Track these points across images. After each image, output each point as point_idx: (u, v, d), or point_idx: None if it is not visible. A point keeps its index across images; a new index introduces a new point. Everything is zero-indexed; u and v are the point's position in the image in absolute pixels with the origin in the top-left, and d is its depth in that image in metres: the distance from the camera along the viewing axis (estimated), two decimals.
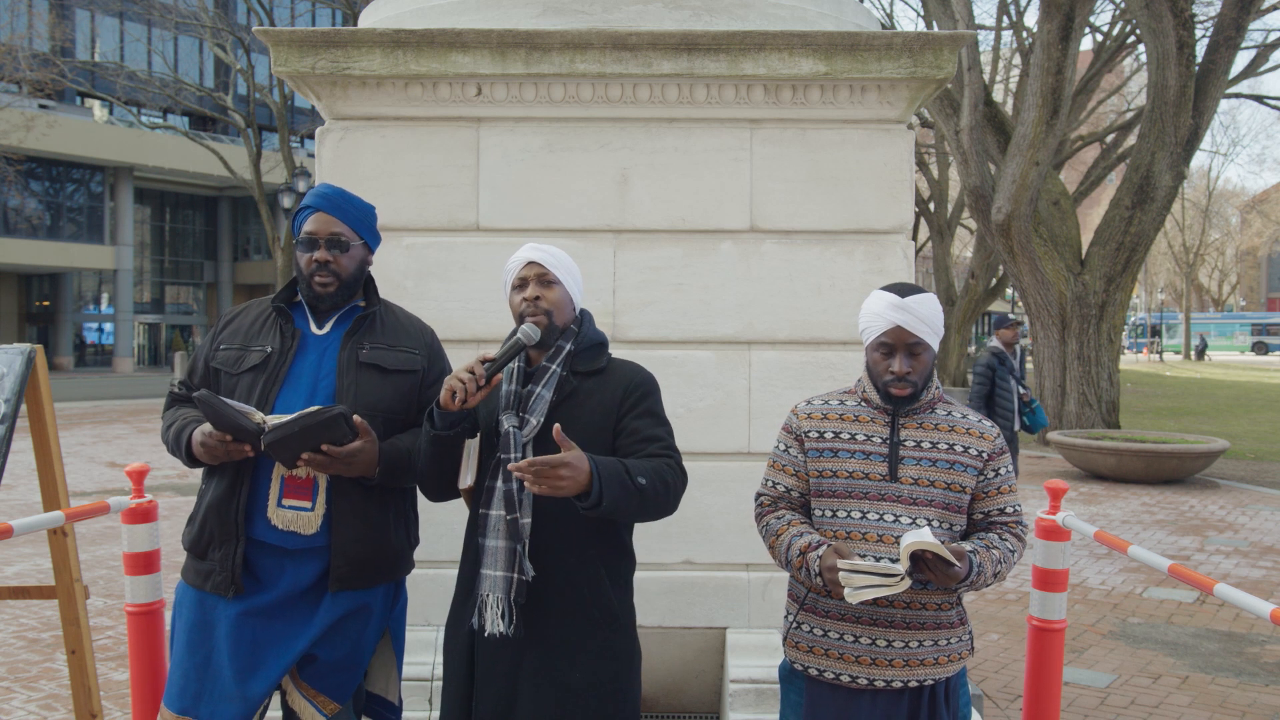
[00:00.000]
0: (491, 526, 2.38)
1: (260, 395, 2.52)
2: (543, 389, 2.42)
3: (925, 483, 2.35)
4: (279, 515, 2.48)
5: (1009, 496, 2.43)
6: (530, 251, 2.52)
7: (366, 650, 2.61)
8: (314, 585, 2.52)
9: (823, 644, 2.38)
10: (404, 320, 2.75)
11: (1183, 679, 4.96)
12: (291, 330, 2.60)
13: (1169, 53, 13.00)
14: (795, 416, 2.50)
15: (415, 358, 2.66)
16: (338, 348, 2.60)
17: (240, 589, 2.49)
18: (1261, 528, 8.82)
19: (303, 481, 2.49)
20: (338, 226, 2.60)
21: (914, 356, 2.37)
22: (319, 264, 2.57)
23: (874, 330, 2.39)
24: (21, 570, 6.84)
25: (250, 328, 2.64)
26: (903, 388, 2.37)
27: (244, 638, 2.49)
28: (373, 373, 2.58)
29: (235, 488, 2.51)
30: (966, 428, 2.42)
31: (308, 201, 2.63)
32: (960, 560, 2.22)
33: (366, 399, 2.54)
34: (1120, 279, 14.06)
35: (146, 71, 31.72)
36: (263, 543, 2.50)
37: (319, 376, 2.56)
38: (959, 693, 2.48)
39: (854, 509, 2.37)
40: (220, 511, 2.51)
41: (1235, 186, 60.18)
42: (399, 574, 2.67)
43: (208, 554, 2.53)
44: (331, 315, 2.65)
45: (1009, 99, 27.71)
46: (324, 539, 2.50)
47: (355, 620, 2.56)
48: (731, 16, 3.71)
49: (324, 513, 2.49)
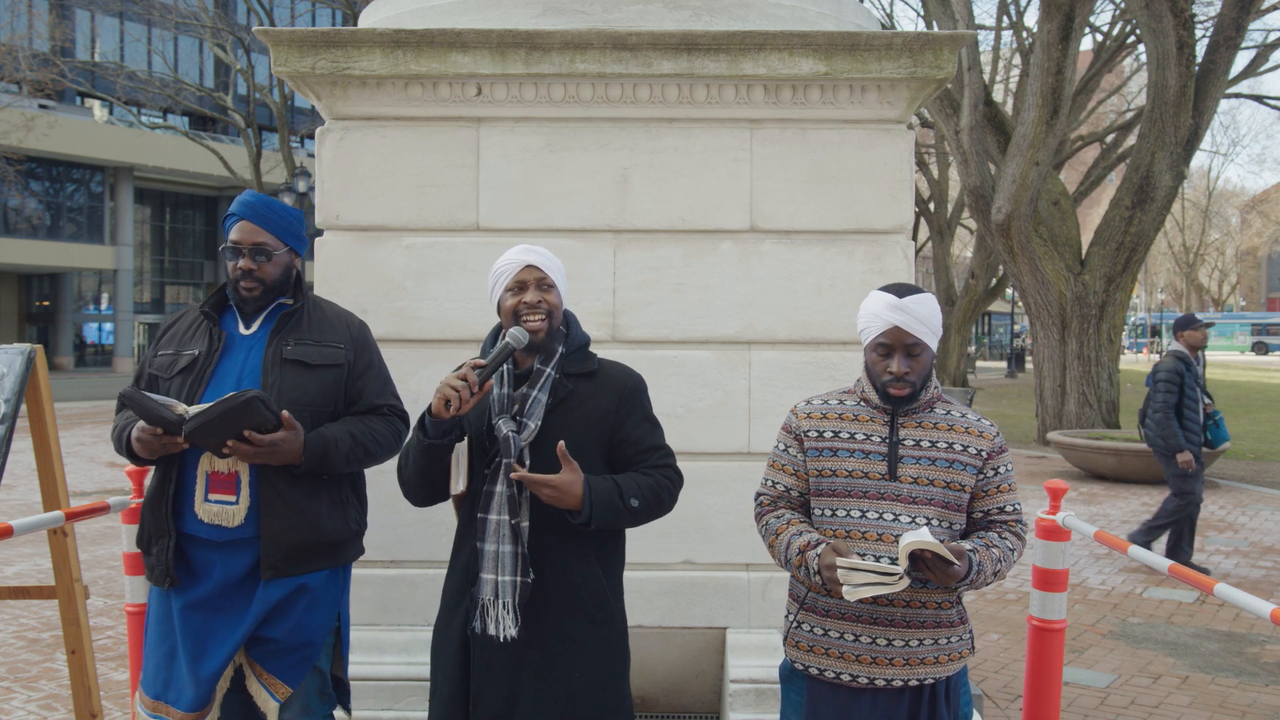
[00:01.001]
0: (491, 531, 2.40)
1: (187, 395, 2.62)
2: (538, 392, 2.44)
3: (925, 481, 2.35)
4: (204, 509, 2.59)
5: (1008, 495, 2.43)
6: (526, 254, 2.52)
7: (314, 633, 2.68)
8: (248, 574, 2.61)
9: (823, 643, 2.38)
10: (330, 315, 2.84)
11: (1183, 679, 4.96)
12: (218, 333, 2.72)
13: (1169, 53, 12.99)
14: (795, 416, 2.50)
15: (339, 351, 2.75)
16: (263, 346, 2.71)
17: (175, 581, 2.61)
18: (1261, 528, 8.82)
19: (226, 476, 2.59)
20: (261, 236, 2.70)
21: (912, 357, 2.37)
22: (243, 272, 2.69)
23: (872, 331, 2.39)
24: (21, 570, 6.84)
25: (185, 333, 2.76)
26: (901, 388, 2.37)
27: (192, 628, 2.61)
28: (296, 368, 2.67)
29: (165, 484, 2.63)
30: (966, 426, 2.42)
31: (233, 210, 2.74)
32: (960, 559, 2.22)
33: (291, 394, 2.63)
34: (1120, 279, 14.06)
35: (146, 71, 31.73)
36: (194, 536, 2.61)
37: (244, 375, 2.67)
38: (959, 691, 2.48)
39: (853, 508, 2.37)
40: (153, 507, 2.65)
41: (1235, 186, 60.22)
42: (341, 559, 2.75)
43: (150, 548, 2.66)
44: (258, 315, 2.76)
45: (1009, 99, 27.71)
46: (252, 530, 2.59)
47: (294, 602, 2.63)
48: (731, 16, 3.71)
49: (249, 505, 2.58)
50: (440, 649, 2.52)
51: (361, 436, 2.71)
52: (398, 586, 3.67)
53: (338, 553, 2.72)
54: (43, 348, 3.54)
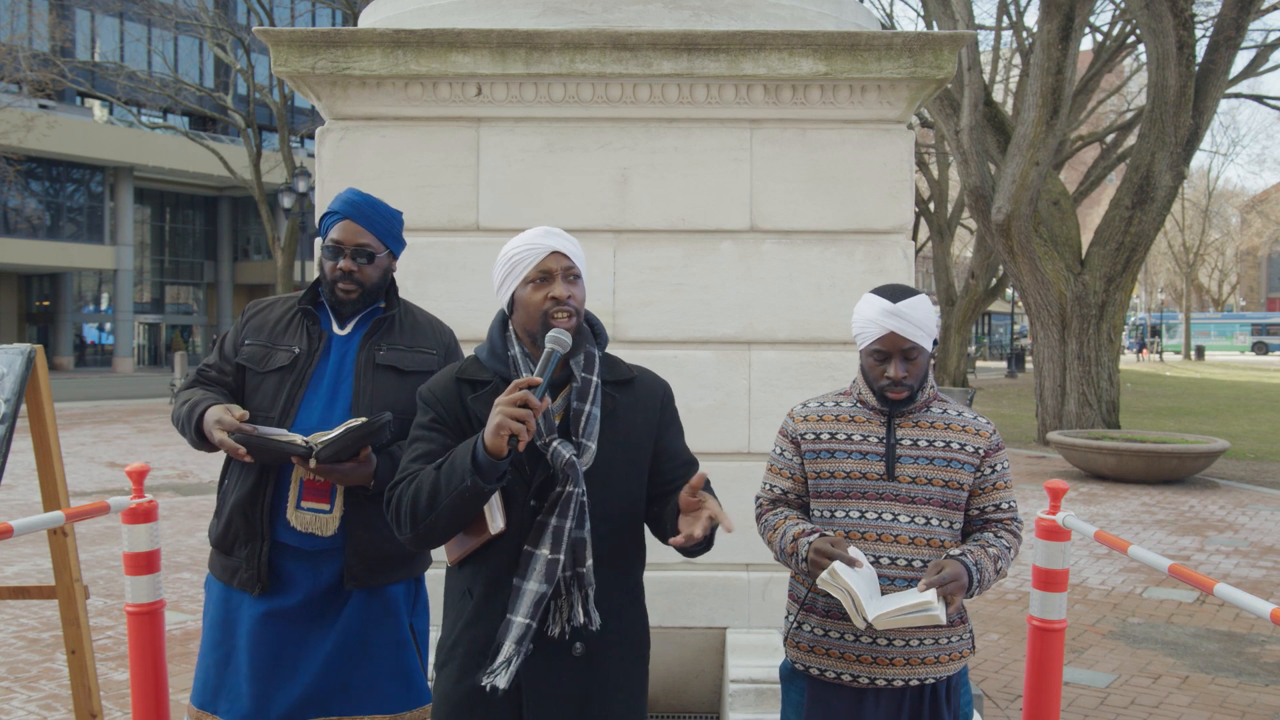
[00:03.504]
0: (540, 569, 2.06)
1: (288, 397, 2.54)
2: (591, 406, 2.13)
3: (923, 481, 2.36)
4: (298, 517, 2.50)
5: (1005, 492, 2.44)
6: (552, 238, 2.16)
7: (388, 651, 2.58)
8: (332, 585, 2.53)
9: (824, 643, 2.38)
10: (423, 321, 2.75)
11: (1183, 679, 4.96)
12: (318, 331, 2.62)
13: (1169, 53, 13.00)
14: (791, 420, 2.51)
15: (432, 358, 2.66)
16: (356, 349, 2.62)
17: (266, 586, 2.51)
18: (1261, 528, 8.82)
19: (321, 485, 2.50)
20: (365, 237, 2.60)
21: (909, 361, 2.36)
22: (344, 273, 2.58)
23: (868, 336, 2.38)
24: (21, 570, 6.84)
25: (276, 325, 2.65)
26: (898, 392, 2.37)
27: (265, 642, 2.50)
28: (389, 374, 2.59)
29: (260, 487, 2.53)
30: (963, 425, 2.42)
31: (336, 208, 2.63)
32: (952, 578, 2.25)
33: (383, 400, 2.54)
34: (1120, 279, 14.07)
35: (146, 71, 31.75)
36: (282, 544, 2.53)
37: (339, 379, 2.58)
38: (960, 691, 2.48)
39: (852, 509, 2.37)
40: (246, 510, 2.54)
41: (1235, 186, 60.22)
42: (416, 570, 2.68)
43: (234, 550, 2.56)
44: (354, 317, 2.66)
45: (1009, 99, 27.72)
46: (341, 540, 2.52)
47: (379, 624, 2.55)
48: (731, 16, 3.71)
49: (341, 515, 2.50)
50: (459, 707, 2.12)
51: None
52: None
53: (413, 564, 2.66)
54: (43, 348, 3.54)
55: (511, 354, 2.15)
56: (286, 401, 2.53)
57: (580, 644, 2.10)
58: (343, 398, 2.56)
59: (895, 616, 2.19)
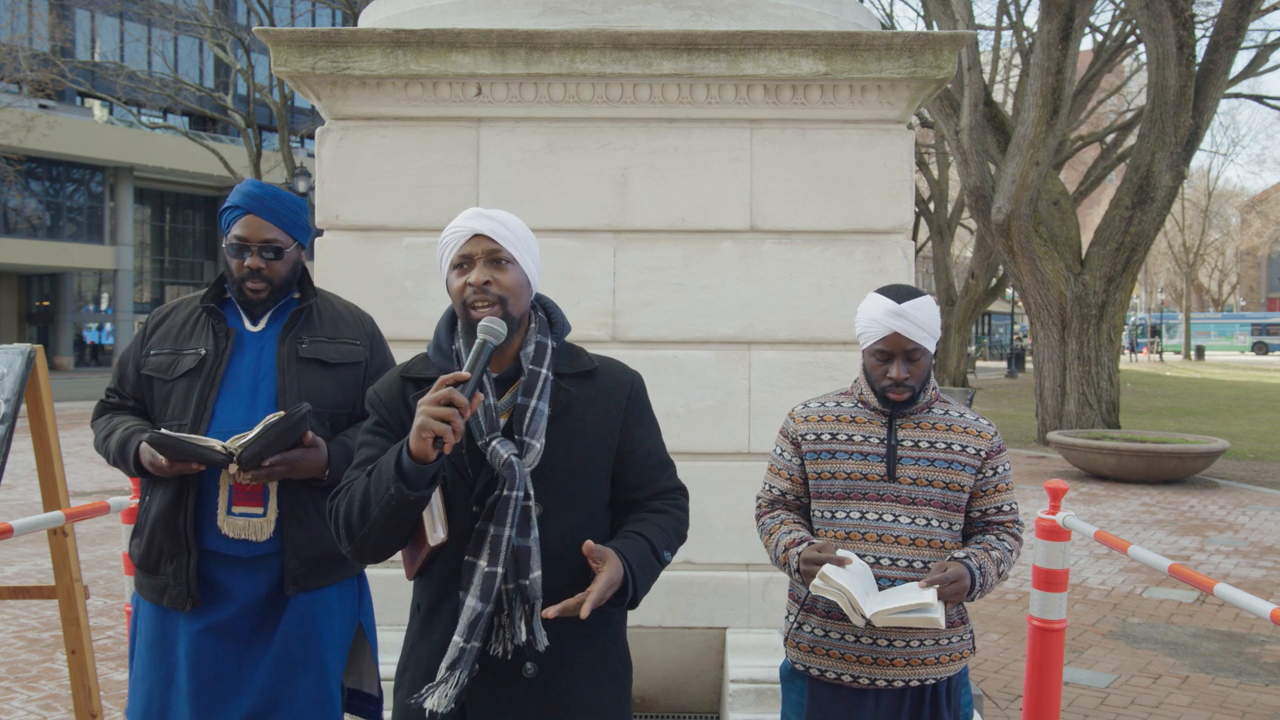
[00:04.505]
0: (480, 582, 1.87)
1: (199, 400, 2.42)
2: (538, 401, 1.93)
3: (924, 482, 2.36)
4: (230, 524, 2.38)
5: (1006, 495, 2.44)
6: (473, 220, 1.99)
7: (327, 648, 2.50)
8: (271, 592, 2.43)
9: (824, 644, 2.38)
10: (342, 310, 2.64)
11: (1183, 679, 4.96)
12: (225, 330, 2.48)
13: (1169, 53, 13.00)
14: (792, 420, 2.50)
15: (357, 349, 2.57)
16: (275, 344, 2.50)
17: (198, 601, 2.39)
18: (1261, 528, 8.81)
19: (252, 488, 2.38)
20: (270, 232, 2.47)
21: (912, 362, 2.36)
22: (251, 271, 2.46)
23: (871, 336, 2.38)
24: (21, 570, 6.84)
25: (181, 330, 2.52)
26: (901, 393, 2.37)
27: (205, 659, 2.40)
28: (315, 367, 2.48)
29: (180, 498, 2.40)
30: (964, 426, 2.42)
31: (236, 202, 2.48)
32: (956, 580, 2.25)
33: (310, 395, 2.45)
34: (1120, 279, 14.07)
35: (146, 71, 31.74)
36: (215, 553, 2.40)
37: (259, 376, 2.46)
38: (960, 691, 2.48)
39: (853, 509, 2.37)
40: (168, 524, 2.40)
41: (1235, 186, 60.20)
42: (353, 569, 2.59)
43: (159, 568, 2.43)
44: (266, 311, 2.53)
45: (1009, 99, 27.71)
46: (276, 544, 2.41)
47: (323, 628, 2.47)
48: (731, 16, 3.71)
49: (276, 517, 2.40)
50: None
51: None
52: (397, 587, 3.67)
53: (351, 562, 2.54)
54: (43, 348, 3.54)
55: (455, 348, 2.00)
56: (199, 405, 2.41)
57: (531, 664, 1.90)
58: (265, 395, 2.45)
59: (894, 614, 2.19)
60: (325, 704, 2.46)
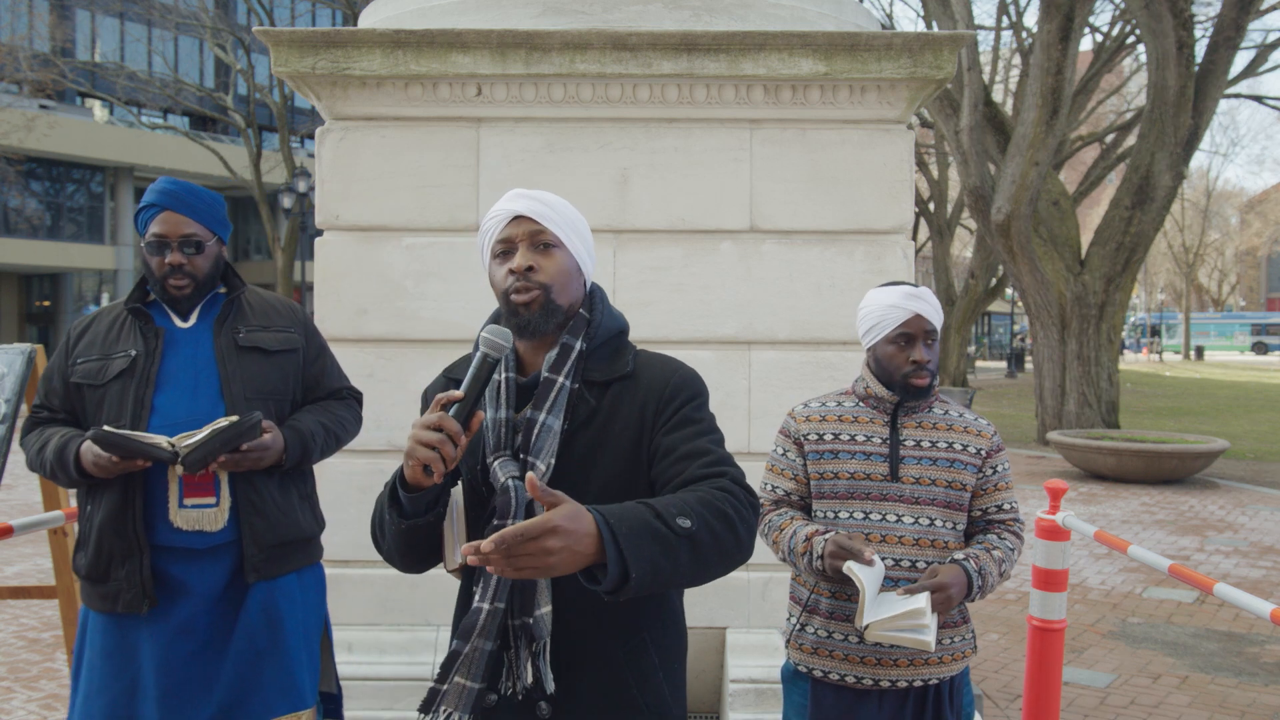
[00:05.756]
0: (483, 623, 1.68)
1: (135, 399, 2.39)
2: (547, 415, 1.69)
3: (927, 481, 2.36)
4: (182, 516, 2.36)
5: (1006, 493, 2.45)
6: (516, 202, 1.76)
7: (296, 642, 2.48)
8: (230, 583, 2.42)
9: (827, 645, 2.38)
10: (271, 300, 2.66)
11: (1182, 679, 4.96)
12: (153, 329, 2.47)
13: (1169, 53, 13.00)
14: (793, 420, 2.49)
15: (293, 336, 2.60)
16: (210, 337, 2.50)
17: (154, 601, 2.35)
18: (1261, 528, 8.82)
19: (202, 478, 2.36)
20: (190, 227, 2.47)
21: (929, 346, 2.38)
22: (173, 268, 2.45)
23: (891, 322, 2.37)
24: (21, 570, 6.84)
25: (108, 335, 2.50)
26: (923, 377, 2.36)
27: (173, 660, 2.36)
28: (255, 355, 2.50)
29: (128, 498, 2.37)
30: (964, 426, 2.43)
31: (152, 200, 2.48)
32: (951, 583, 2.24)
33: (254, 384, 2.47)
34: (1120, 279, 14.07)
35: (146, 72, 31.76)
36: (168, 548, 2.37)
37: (198, 369, 2.45)
38: (963, 691, 2.48)
39: (856, 509, 2.37)
40: (116, 527, 2.37)
41: (1235, 187, 60.24)
42: (313, 557, 2.60)
43: (110, 575, 2.38)
44: (194, 307, 2.54)
45: (1009, 99, 27.72)
46: (232, 533, 2.40)
47: (285, 617, 2.45)
48: (731, 16, 3.71)
49: (229, 506, 2.39)
50: None
51: (332, 426, 2.58)
52: (398, 586, 3.67)
53: (311, 549, 2.59)
54: (43, 348, 3.54)
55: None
56: (135, 404, 2.39)
57: (545, 704, 1.68)
58: (207, 388, 2.44)
59: (886, 630, 2.17)
60: (292, 692, 2.45)
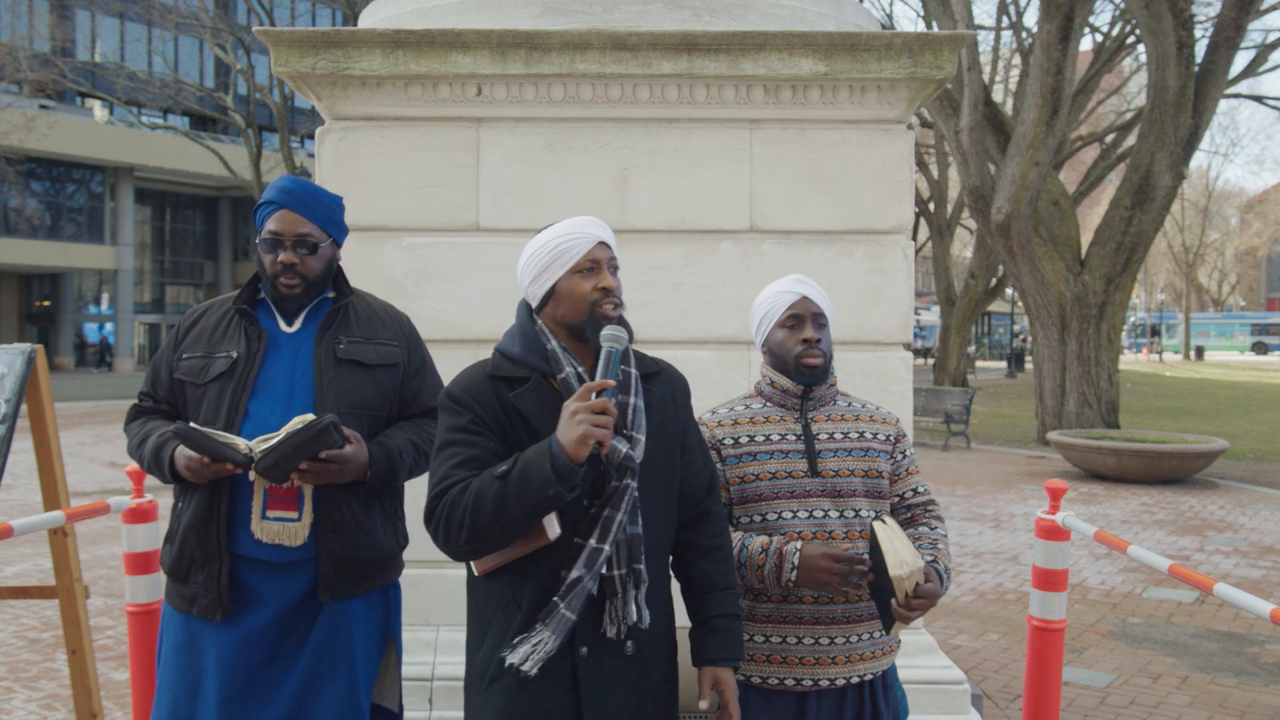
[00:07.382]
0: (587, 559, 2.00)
1: (230, 404, 2.36)
2: (637, 398, 2.08)
3: (846, 473, 2.36)
4: (264, 528, 2.33)
5: (917, 476, 2.49)
6: (600, 229, 2.14)
7: (358, 659, 2.44)
8: (303, 598, 2.38)
9: (764, 650, 2.35)
10: (379, 310, 2.60)
11: (1182, 679, 4.96)
12: (257, 332, 2.43)
13: (1169, 53, 13.00)
14: (706, 428, 2.45)
15: (395, 350, 2.53)
16: (311, 345, 2.45)
17: (229, 611, 2.34)
18: (1261, 528, 8.82)
19: (287, 491, 2.33)
20: (305, 226, 2.42)
21: (820, 327, 2.41)
22: (285, 266, 2.41)
23: (779, 307, 2.42)
24: (22, 570, 6.84)
25: (214, 332, 2.47)
26: (815, 355, 2.38)
27: (237, 669, 2.35)
28: (353, 369, 2.44)
29: (214, 503, 2.35)
30: (869, 415, 2.47)
31: (271, 197, 2.44)
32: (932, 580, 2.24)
33: (349, 397, 2.41)
34: (1120, 279, 14.08)
35: (146, 72, 31.78)
36: (248, 558, 2.35)
37: (295, 377, 2.41)
38: (895, 686, 2.48)
39: (783, 509, 2.34)
40: (200, 531, 2.36)
41: (1235, 187, 60.28)
42: (390, 577, 2.54)
43: (190, 577, 2.38)
44: (300, 311, 2.49)
45: (1009, 99, 27.72)
46: (311, 549, 2.36)
47: (354, 637, 2.42)
48: (731, 16, 3.71)
49: (311, 521, 2.35)
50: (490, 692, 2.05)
51: (423, 444, 2.48)
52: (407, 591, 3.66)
53: (387, 570, 2.51)
54: (43, 347, 3.54)
55: (550, 348, 2.08)
56: (230, 409, 2.36)
57: (631, 642, 2.07)
58: (301, 397, 2.40)
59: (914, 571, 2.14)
60: (353, 714, 2.42)
